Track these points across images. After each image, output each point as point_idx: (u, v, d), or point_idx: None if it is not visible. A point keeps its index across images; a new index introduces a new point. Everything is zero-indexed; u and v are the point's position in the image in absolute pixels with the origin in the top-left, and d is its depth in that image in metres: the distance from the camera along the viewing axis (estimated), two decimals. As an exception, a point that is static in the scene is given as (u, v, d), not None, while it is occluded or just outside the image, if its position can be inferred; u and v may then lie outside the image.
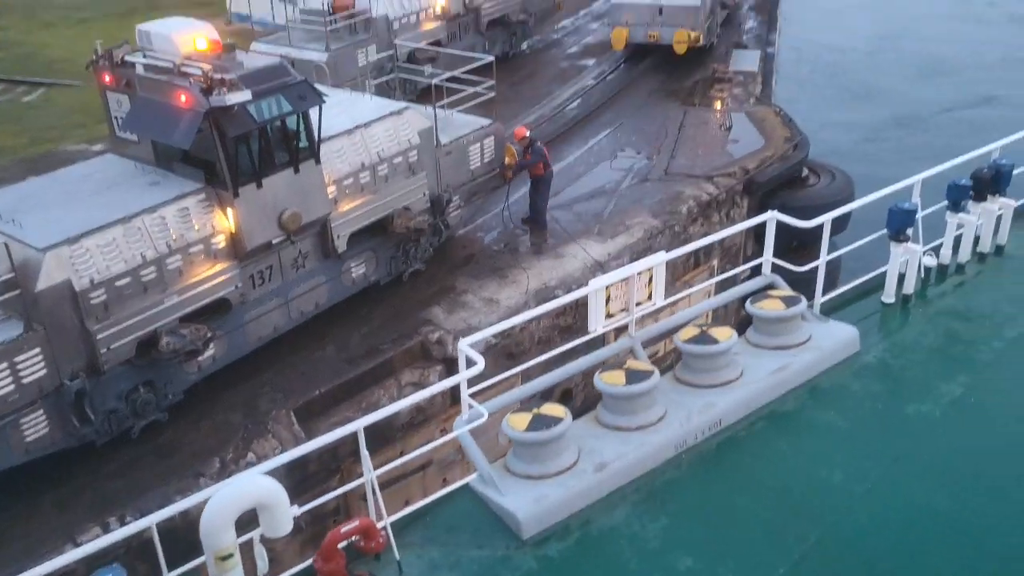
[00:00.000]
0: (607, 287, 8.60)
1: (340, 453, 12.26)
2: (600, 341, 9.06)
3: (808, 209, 19.16)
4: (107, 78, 12.36)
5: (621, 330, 9.16)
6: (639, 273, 8.73)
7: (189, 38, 12.04)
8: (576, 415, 8.01)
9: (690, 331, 8.84)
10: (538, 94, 23.56)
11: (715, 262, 18.09)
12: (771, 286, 9.87)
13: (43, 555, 10.02)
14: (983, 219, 10.98)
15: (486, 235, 16.73)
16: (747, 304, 9.45)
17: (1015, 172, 10.99)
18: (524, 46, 26.89)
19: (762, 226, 21.02)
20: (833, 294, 10.30)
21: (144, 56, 12.27)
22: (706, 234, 17.58)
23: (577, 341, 9.06)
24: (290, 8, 23.62)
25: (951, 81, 34.26)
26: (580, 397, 14.05)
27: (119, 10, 34.05)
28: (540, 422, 7.63)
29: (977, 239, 11.11)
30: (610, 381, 8.20)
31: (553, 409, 7.82)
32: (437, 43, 23.01)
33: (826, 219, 9.68)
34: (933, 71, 35.34)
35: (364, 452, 7.05)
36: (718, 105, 22.90)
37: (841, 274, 11.74)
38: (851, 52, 37.57)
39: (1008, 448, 8.25)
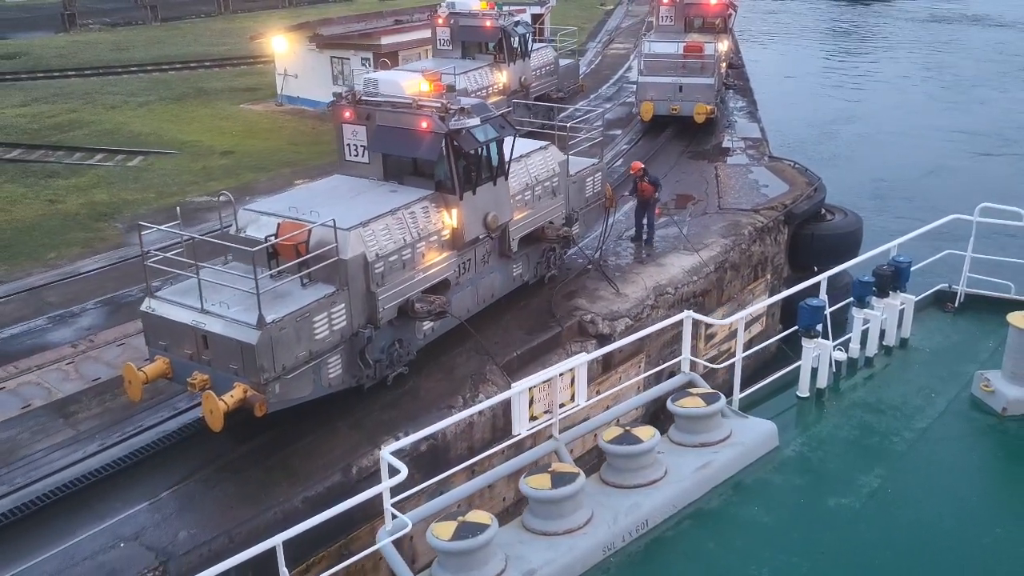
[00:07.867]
0: (530, 389, 8.57)
1: (498, 424, 15.40)
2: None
3: (834, 235, 23.63)
4: (347, 113, 15.89)
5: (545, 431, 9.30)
6: (561, 374, 8.80)
7: (414, 83, 15.75)
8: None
9: (613, 431, 8.87)
10: (585, 155, 27.68)
11: (768, 277, 22.14)
12: (691, 384, 10.17)
13: (362, 454, 13.15)
14: (887, 314, 11.48)
15: (594, 252, 20.48)
16: (668, 402, 9.68)
17: (912, 268, 11.70)
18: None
19: (796, 243, 25.20)
20: (750, 390, 10.73)
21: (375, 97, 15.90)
22: (763, 253, 21.74)
23: (502, 444, 9.57)
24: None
25: (903, 154, 40.07)
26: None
27: (172, 95, 37.61)
28: (465, 530, 7.46)
29: (883, 333, 11.61)
30: (536, 485, 8.12)
31: (479, 516, 7.72)
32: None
33: (738, 318, 10.64)
34: (885, 146, 41.19)
35: (283, 570, 7.13)
36: (741, 160, 27.51)
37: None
38: (818, 127, 43.42)
39: (927, 539, 8.42)
